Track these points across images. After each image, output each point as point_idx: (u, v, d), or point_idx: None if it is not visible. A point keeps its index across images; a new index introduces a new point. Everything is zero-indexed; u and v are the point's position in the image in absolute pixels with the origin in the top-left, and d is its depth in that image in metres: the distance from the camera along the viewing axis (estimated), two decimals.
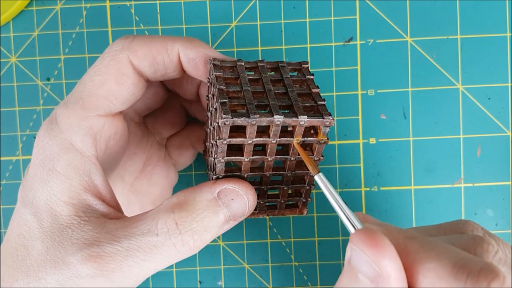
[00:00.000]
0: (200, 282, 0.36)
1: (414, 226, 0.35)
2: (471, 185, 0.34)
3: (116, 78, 0.25)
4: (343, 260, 0.36)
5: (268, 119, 0.23)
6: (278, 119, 0.23)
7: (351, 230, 0.21)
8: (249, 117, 0.23)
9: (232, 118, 0.22)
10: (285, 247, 0.35)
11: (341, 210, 0.22)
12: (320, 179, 0.23)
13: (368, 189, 0.35)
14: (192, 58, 0.26)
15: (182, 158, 0.33)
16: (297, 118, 0.23)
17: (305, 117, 0.23)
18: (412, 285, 0.19)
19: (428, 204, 0.34)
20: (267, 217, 0.34)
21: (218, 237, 0.36)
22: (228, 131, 0.23)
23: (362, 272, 0.19)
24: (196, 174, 0.36)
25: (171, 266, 0.36)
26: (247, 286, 0.35)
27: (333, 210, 0.35)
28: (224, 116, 0.22)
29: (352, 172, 0.35)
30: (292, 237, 0.35)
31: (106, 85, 0.25)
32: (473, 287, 0.18)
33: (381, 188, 0.35)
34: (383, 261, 0.19)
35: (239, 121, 0.23)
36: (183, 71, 0.27)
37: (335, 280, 0.21)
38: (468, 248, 0.21)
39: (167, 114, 0.33)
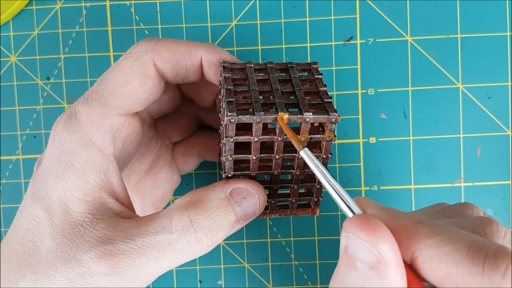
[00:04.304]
0: (200, 281, 0.36)
1: None
2: (471, 184, 0.34)
3: (139, 78, 0.25)
4: None
5: (273, 116, 0.23)
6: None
7: (345, 208, 0.20)
8: (254, 114, 0.23)
9: (237, 116, 0.23)
10: (285, 246, 0.35)
11: (333, 189, 0.21)
12: (306, 154, 0.22)
13: (368, 188, 0.35)
14: (214, 64, 0.27)
15: (186, 165, 0.33)
16: (302, 115, 0.23)
17: (310, 114, 0.23)
18: (423, 271, 0.19)
19: (428, 203, 0.34)
20: (267, 217, 0.34)
21: None
22: (234, 129, 0.23)
23: (361, 259, 0.19)
24: (196, 174, 0.36)
25: None
26: (247, 286, 0.35)
27: (333, 210, 0.35)
28: (229, 114, 0.23)
29: (352, 171, 0.35)
30: (292, 236, 0.35)
31: (129, 85, 0.25)
32: (491, 270, 0.17)
33: (381, 188, 0.35)
34: (382, 244, 0.18)
35: (244, 118, 0.23)
36: (202, 75, 0.28)
37: None
38: (477, 230, 0.20)
39: (179, 120, 0.33)
